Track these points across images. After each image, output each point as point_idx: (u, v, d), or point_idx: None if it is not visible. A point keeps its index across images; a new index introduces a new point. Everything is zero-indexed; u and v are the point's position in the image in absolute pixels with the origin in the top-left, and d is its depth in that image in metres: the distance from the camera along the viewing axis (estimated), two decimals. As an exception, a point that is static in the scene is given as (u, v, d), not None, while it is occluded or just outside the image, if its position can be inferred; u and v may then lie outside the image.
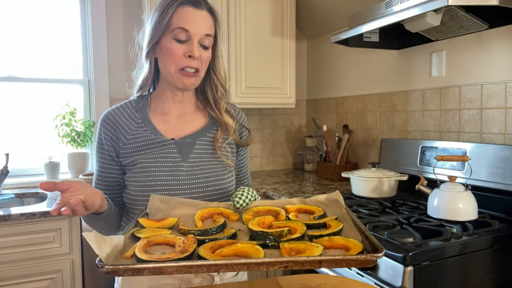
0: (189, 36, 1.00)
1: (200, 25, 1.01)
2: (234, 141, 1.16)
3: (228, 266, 0.65)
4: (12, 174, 2.18)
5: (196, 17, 1.01)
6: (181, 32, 1.00)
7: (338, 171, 2.33)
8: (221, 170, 1.10)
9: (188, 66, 1.01)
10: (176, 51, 1.00)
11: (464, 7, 1.46)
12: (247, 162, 1.26)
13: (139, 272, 0.65)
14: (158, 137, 1.07)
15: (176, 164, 1.05)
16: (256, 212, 0.96)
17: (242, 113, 1.22)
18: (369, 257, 0.66)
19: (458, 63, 1.79)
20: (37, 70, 2.35)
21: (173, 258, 0.68)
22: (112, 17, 2.40)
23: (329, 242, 0.76)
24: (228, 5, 2.33)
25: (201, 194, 1.06)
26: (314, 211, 0.96)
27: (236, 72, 2.39)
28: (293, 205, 1.00)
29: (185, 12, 1.00)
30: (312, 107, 2.94)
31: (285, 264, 0.66)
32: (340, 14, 2.37)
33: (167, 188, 1.03)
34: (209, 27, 1.03)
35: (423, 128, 1.98)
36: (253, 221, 0.87)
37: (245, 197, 0.99)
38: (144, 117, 1.09)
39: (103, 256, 0.68)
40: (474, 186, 1.51)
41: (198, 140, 1.09)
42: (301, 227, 0.84)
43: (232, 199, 0.99)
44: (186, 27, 0.99)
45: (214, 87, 1.12)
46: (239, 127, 1.18)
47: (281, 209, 0.97)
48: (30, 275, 1.68)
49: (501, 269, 1.32)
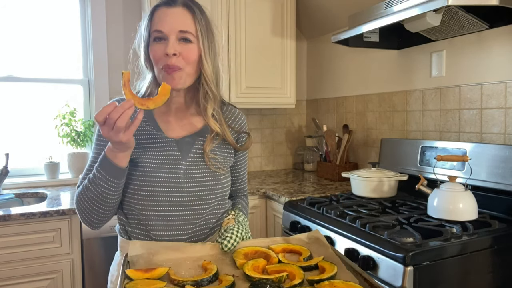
0: (164, 35, 1.00)
1: (172, 22, 1.00)
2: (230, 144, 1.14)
3: None
4: (12, 174, 2.18)
5: (168, 15, 1.01)
6: (157, 34, 1.01)
7: (338, 171, 2.33)
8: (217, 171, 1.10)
9: (166, 64, 1.00)
10: (156, 52, 1.01)
11: (464, 7, 1.46)
12: (244, 165, 1.25)
13: None
14: (160, 134, 1.07)
15: (176, 162, 1.05)
16: (245, 254, 0.95)
17: (242, 115, 1.21)
18: None
19: (458, 63, 1.79)
20: (37, 70, 2.34)
21: None
22: (112, 17, 2.40)
23: (331, 287, 0.77)
24: (228, 5, 2.33)
25: (198, 193, 1.06)
26: (301, 251, 0.97)
27: (236, 72, 2.39)
28: (277, 244, 1.01)
29: (159, 14, 1.02)
30: (312, 107, 2.94)
31: None
32: (340, 14, 2.37)
33: (166, 185, 1.03)
34: (183, 22, 1.01)
35: (423, 128, 1.98)
36: (248, 266, 0.87)
37: (233, 240, 0.98)
38: (148, 113, 1.10)
39: None
40: (474, 186, 1.51)
41: (197, 140, 1.09)
42: (298, 271, 0.84)
43: (221, 241, 0.98)
44: (160, 28, 1.00)
45: (202, 90, 1.09)
46: (236, 130, 1.17)
47: (269, 251, 0.97)
48: (30, 275, 1.68)
49: (501, 269, 1.32)
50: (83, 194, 1.00)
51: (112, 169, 0.96)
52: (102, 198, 0.99)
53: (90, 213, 1.02)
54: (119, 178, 0.98)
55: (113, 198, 1.01)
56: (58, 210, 1.70)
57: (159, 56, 1.01)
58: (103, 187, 0.97)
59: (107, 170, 0.96)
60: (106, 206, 1.01)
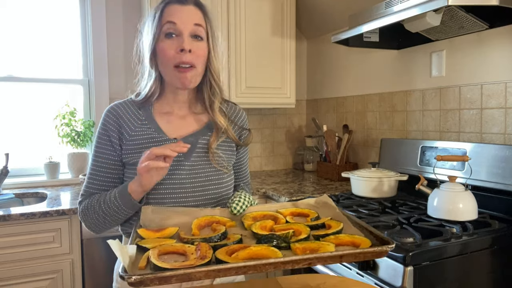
0: (178, 29, 1.01)
1: (187, 17, 1.01)
2: (233, 140, 1.15)
3: (256, 267, 0.67)
4: (12, 174, 2.18)
5: (183, 11, 1.02)
6: (170, 27, 1.01)
7: (338, 171, 2.33)
8: (221, 170, 1.10)
9: (181, 61, 1.00)
10: (168, 49, 1.01)
11: (464, 7, 1.46)
12: (246, 161, 1.26)
13: (167, 281, 0.63)
14: (161, 136, 1.06)
15: (178, 163, 1.05)
16: (253, 217, 0.96)
17: (243, 112, 1.22)
18: (384, 248, 0.72)
19: (458, 63, 1.79)
20: (37, 70, 2.34)
21: (195, 264, 0.68)
22: (112, 17, 2.40)
23: (337, 240, 0.78)
24: (228, 5, 2.33)
25: (202, 193, 1.06)
26: (308, 213, 0.98)
27: (236, 72, 2.39)
28: (286, 209, 1.02)
29: (171, 9, 1.02)
30: (312, 107, 2.94)
31: (309, 261, 0.70)
32: (340, 14, 2.37)
33: (169, 187, 1.03)
34: (197, 18, 1.03)
35: (423, 128, 1.98)
36: (255, 226, 0.88)
37: (242, 203, 0.99)
38: (148, 115, 1.09)
39: (126, 266, 0.66)
40: (474, 186, 1.51)
41: (200, 139, 1.09)
42: (305, 228, 0.85)
43: (229, 205, 0.99)
44: (173, 20, 1.00)
45: (209, 86, 1.10)
46: (238, 126, 1.18)
47: (277, 214, 0.98)
48: (30, 275, 1.68)
49: (501, 269, 1.32)
50: (91, 210, 1.04)
51: (129, 203, 0.99)
52: (112, 218, 1.03)
53: (96, 225, 1.06)
54: (133, 210, 1.01)
55: (123, 219, 1.04)
56: (58, 210, 1.70)
57: (172, 53, 1.00)
58: (115, 211, 1.01)
59: (125, 202, 1.00)
60: (114, 223, 1.05)
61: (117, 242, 0.69)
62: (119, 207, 1.00)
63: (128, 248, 0.73)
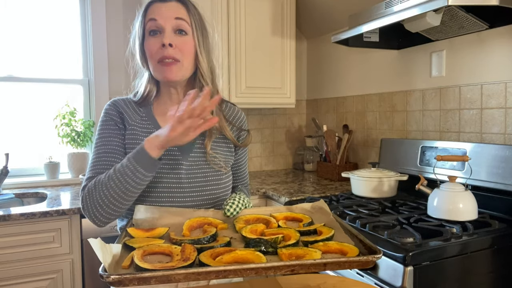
0: (160, 25, 1.01)
1: (167, 12, 1.02)
2: (231, 141, 1.15)
3: (237, 272, 0.66)
4: (12, 174, 2.18)
5: (163, 7, 1.03)
6: (152, 25, 1.02)
7: (338, 171, 2.33)
8: (219, 170, 1.10)
9: (163, 56, 1.00)
10: (152, 46, 1.02)
11: (464, 7, 1.46)
12: (245, 162, 1.25)
13: (146, 281, 0.63)
14: None
15: (177, 161, 1.05)
16: (246, 220, 0.96)
17: (241, 113, 1.21)
18: (370, 258, 0.70)
19: (458, 63, 1.79)
20: (37, 70, 2.34)
21: (177, 266, 0.67)
22: (112, 17, 2.40)
23: (325, 247, 0.78)
24: (228, 5, 2.33)
25: (200, 193, 1.06)
26: (302, 218, 0.98)
27: (236, 72, 2.39)
28: (280, 213, 1.01)
29: (153, 7, 1.04)
30: (312, 107, 2.94)
31: (291, 268, 0.68)
32: (340, 14, 2.37)
33: (167, 186, 1.03)
34: (179, 13, 1.03)
35: (423, 128, 1.98)
36: (246, 229, 0.88)
37: (236, 206, 0.99)
38: (148, 112, 1.10)
39: (106, 265, 0.66)
40: (474, 186, 1.51)
41: (198, 139, 1.09)
42: (295, 233, 0.85)
43: (223, 207, 0.99)
44: (154, 17, 1.01)
45: (198, 83, 1.08)
46: (237, 127, 1.17)
47: (270, 218, 0.97)
48: (30, 275, 1.68)
49: (501, 269, 1.32)
50: (98, 186, 0.94)
51: (148, 162, 0.92)
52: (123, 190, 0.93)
53: (102, 206, 0.94)
54: (151, 171, 0.93)
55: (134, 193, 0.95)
56: (58, 210, 1.70)
57: (155, 49, 1.01)
58: (130, 177, 0.92)
59: (139, 161, 0.92)
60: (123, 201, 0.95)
61: (99, 240, 0.68)
62: (135, 169, 0.91)
63: (113, 247, 0.72)
